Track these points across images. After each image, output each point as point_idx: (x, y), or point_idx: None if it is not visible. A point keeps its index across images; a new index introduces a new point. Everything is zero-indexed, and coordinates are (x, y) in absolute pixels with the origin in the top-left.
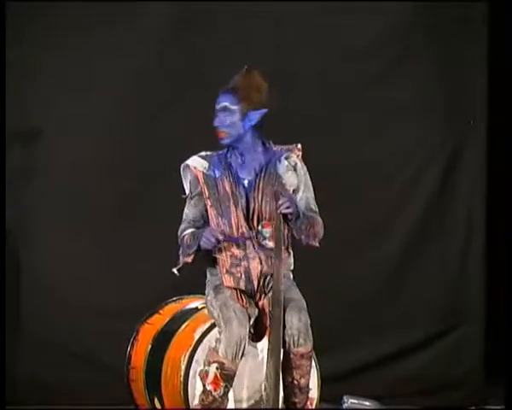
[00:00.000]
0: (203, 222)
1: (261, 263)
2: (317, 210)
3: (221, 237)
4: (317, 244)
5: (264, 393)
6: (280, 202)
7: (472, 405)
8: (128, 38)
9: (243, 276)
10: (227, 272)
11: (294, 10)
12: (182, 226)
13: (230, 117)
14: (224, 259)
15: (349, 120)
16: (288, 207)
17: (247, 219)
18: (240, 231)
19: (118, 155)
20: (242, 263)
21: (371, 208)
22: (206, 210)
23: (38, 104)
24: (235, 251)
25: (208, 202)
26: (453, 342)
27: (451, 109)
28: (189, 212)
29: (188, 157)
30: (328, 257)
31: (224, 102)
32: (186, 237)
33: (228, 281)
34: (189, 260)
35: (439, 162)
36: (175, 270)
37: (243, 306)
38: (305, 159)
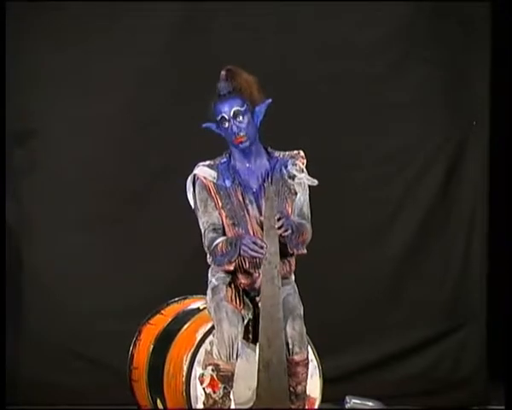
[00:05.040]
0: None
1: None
2: (309, 215)
3: (264, 245)
4: (305, 251)
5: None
6: (279, 223)
7: (475, 405)
8: (129, 38)
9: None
10: (245, 271)
11: (297, 10)
12: (209, 236)
13: (245, 119)
14: (241, 261)
15: (351, 119)
16: (286, 230)
17: (262, 227)
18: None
19: (120, 156)
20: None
21: (373, 209)
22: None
23: (39, 104)
24: None
25: (223, 213)
26: (456, 343)
27: (454, 109)
28: (210, 218)
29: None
30: (330, 258)
31: (233, 107)
32: (220, 245)
33: (244, 279)
34: (231, 267)
35: (442, 163)
36: (213, 280)
37: (237, 307)
38: (307, 159)
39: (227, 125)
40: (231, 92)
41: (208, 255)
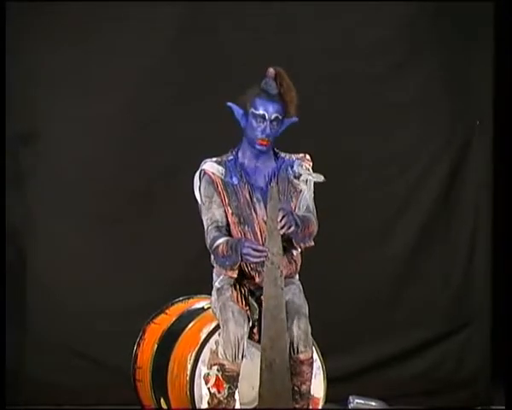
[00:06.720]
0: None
1: (285, 266)
2: (314, 209)
3: (265, 249)
4: (313, 243)
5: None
6: (282, 222)
7: (477, 405)
8: (129, 38)
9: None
10: (252, 269)
11: (297, 10)
12: (211, 235)
13: (278, 126)
14: (245, 263)
15: (352, 120)
16: (289, 227)
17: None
18: (264, 237)
19: (120, 156)
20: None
21: (376, 209)
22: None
23: (39, 104)
24: None
25: (229, 210)
26: (459, 343)
27: (456, 111)
28: (214, 214)
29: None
30: (333, 258)
31: (276, 111)
32: (221, 247)
33: (249, 281)
34: (235, 275)
35: (444, 164)
36: (218, 281)
37: (242, 307)
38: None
39: (261, 123)
40: (278, 95)
41: (211, 254)
